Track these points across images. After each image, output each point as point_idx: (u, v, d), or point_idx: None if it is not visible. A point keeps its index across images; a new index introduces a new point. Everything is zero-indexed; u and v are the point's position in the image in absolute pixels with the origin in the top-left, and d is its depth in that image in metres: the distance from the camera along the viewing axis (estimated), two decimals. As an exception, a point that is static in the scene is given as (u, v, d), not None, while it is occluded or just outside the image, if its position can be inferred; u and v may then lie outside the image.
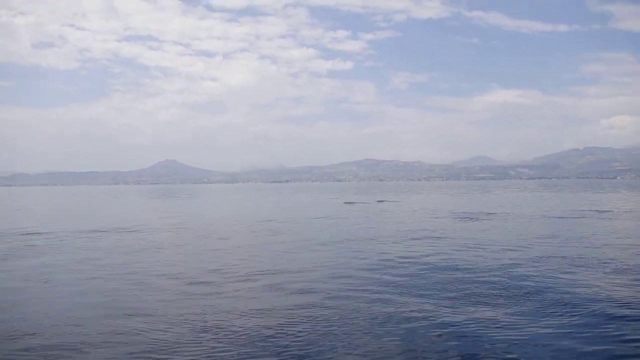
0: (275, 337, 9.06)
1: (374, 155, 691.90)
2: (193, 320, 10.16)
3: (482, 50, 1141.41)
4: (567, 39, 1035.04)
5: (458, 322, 9.78)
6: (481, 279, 13.69)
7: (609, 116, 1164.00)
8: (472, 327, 9.48)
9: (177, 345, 8.71)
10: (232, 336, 9.17)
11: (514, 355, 8.15)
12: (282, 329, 9.51)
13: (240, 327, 9.66)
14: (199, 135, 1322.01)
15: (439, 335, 9.08)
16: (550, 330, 9.23)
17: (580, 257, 16.81)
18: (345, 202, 59.44)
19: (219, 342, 8.85)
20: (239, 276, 14.75)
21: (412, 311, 10.60)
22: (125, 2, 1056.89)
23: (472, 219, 33.83)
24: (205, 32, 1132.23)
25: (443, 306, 10.94)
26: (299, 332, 9.34)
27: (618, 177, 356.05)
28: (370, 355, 8.23)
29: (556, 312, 10.37)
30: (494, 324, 9.64)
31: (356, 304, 11.23)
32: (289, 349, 8.48)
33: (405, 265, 16.07)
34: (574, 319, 9.93)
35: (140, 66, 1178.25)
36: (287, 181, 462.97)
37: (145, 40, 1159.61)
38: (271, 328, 9.56)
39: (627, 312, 10.32)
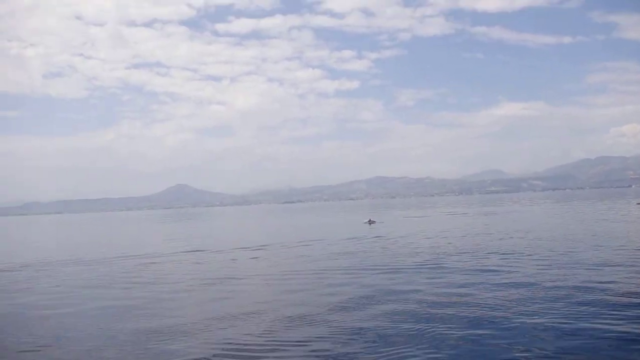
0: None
1: (383, 173, 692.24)
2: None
3: (487, 64, 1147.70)
4: (571, 50, 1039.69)
5: None
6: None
7: (619, 125, 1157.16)
8: None
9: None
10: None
11: None
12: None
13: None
14: (208, 159, 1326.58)
15: None
16: None
17: None
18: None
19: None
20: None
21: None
22: (132, 31, 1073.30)
23: None
24: (212, 57, 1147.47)
25: None
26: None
27: (633, 186, 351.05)
28: None
29: None
30: None
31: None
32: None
33: None
34: None
35: (148, 92, 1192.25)
36: (299, 201, 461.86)
37: (153, 66, 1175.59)
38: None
39: None
